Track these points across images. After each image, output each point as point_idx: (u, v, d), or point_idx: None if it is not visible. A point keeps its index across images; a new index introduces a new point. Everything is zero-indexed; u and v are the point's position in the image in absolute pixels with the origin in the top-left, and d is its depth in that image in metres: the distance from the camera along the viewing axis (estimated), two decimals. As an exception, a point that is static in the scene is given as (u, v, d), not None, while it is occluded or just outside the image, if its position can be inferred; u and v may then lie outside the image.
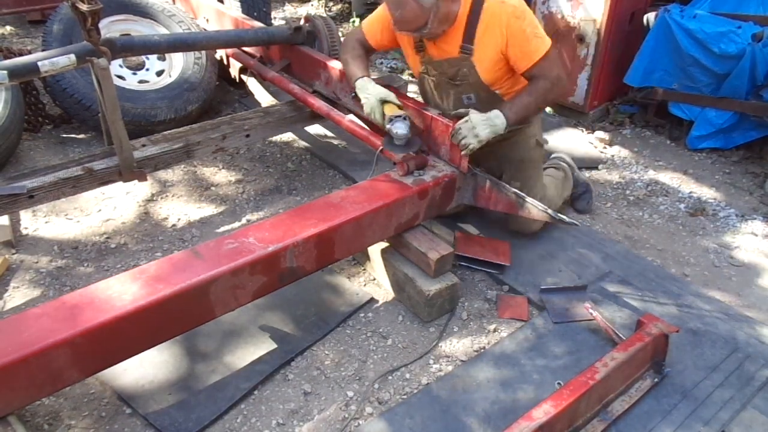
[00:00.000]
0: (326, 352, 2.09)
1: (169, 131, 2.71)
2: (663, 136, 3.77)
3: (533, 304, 2.32)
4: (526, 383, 1.96)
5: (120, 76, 3.34)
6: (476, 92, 2.37)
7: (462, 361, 2.07)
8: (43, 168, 2.38)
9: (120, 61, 3.39)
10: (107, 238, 2.62)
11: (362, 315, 2.26)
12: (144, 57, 3.47)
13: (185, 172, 3.12)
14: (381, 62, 4.79)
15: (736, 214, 3.02)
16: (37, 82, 3.37)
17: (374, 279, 2.44)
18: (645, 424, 1.81)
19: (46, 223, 2.70)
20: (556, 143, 3.57)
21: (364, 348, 2.12)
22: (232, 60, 3.49)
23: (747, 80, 3.26)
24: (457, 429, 1.81)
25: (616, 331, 2.07)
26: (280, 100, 3.23)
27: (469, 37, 2.26)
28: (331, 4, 6.05)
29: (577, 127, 3.83)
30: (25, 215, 2.72)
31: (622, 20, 3.65)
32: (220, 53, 3.59)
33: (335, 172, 3.20)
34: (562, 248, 2.60)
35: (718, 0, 3.52)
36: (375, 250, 2.36)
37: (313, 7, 6.11)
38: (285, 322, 2.18)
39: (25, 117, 3.22)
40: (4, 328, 1.54)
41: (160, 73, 3.50)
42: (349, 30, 5.42)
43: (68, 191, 2.35)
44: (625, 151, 3.61)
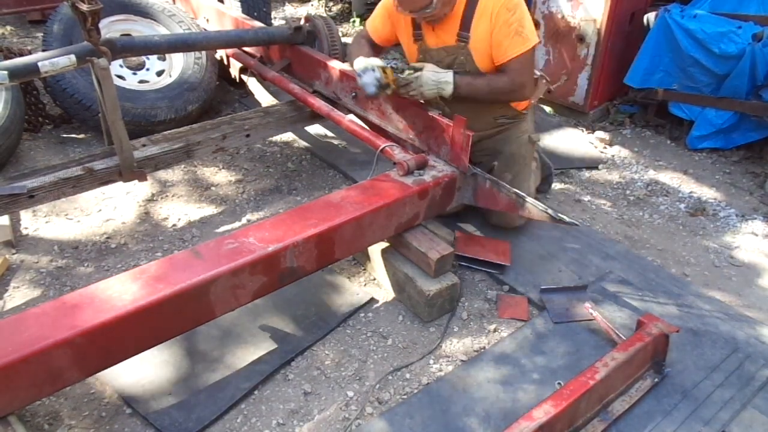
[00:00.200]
0: (326, 352, 2.09)
1: (169, 131, 2.72)
2: (663, 136, 3.77)
3: (533, 304, 2.32)
4: (526, 383, 1.96)
5: (120, 76, 3.34)
6: None
7: (462, 361, 2.07)
8: (44, 168, 2.38)
9: (120, 61, 3.39)
10: (107, 238, 2.62)
11: (362, 315, 2.26)
12: (144, 57, 3.47)
13: (185, 172, 3.12)
14: (381, 62, 4.79)
15: (737, 214, 3.02)
16: (37, 82, 3.37)
17: (374, 279, 2.44)
18: (645, 424, 1.81)
19: (47, 223, 2.70)
20: (556, 143, 3.57)
21: (364, 348, 2.12)
22: (232, 60, 3.49)
23: (747, 80, 3.26)
24: (457, 429, 1.81)
25: (616, 331, 2.07)
26: (280, 100, 3.23)
27: (466, 25, 2.29)
28: (331, 4, 6.05)
29: (577, 127, 3.83)
30: (26, 215, 2.72)
31: (622, 20, 3.65)
32: (221, 53, 3.59)
33: (335, 172, 3.20)
34: (562, 248, 2.60)
35: (718, 0, 3.52)
36: (375, 250, 2.36)
37: (313, 7, 6.11)
38: (285, 322, 2.18)
39: (26, 117, 3.22)
40: (4, 328, 1.54)
41: (160, 73, 3.50)
42: (350, 29, 5.43)
43: (68, 191, 2.35)
44: (625, 151, 3.61)
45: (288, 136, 3.49)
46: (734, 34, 3.23)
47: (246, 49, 3.36)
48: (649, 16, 3.52)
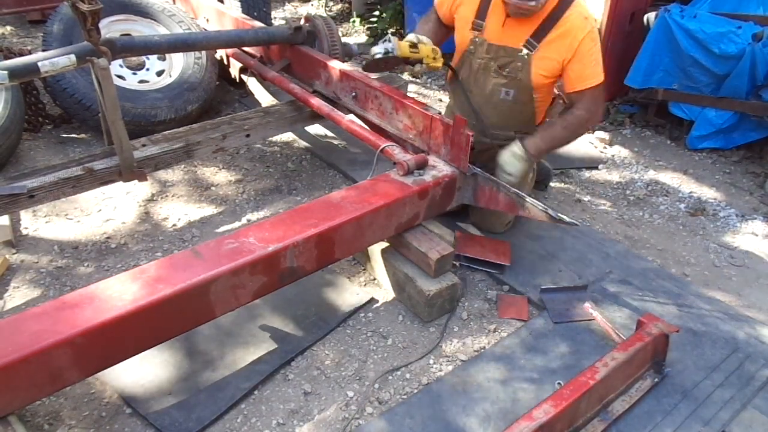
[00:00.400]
0: (326, 352, 2.09)
1: (169, 131, 2.71)
2: (663, 136, 3.77)
3: (533, 304, 2.32)
4: (526, 383, 1.96)
5: (120, 76, 3.34)
6: (518, 90, 2.36)
7: (462, 361, 2.07)
8: (44, 168, 2.38)
9: (120, 61, 3.39)
10: (107, 238, 2.62)
11: (362, 315, 2.26)
12: (144, 57, 3.47)
13: (185, 172, 3.12)
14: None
15: (736, 214, 3.02)
16: (37, 82, 3.37)
17: (374, 279, 2.44)
18: (645, 424, 1.81)
19: (47, 223, 2.70)
20: (556, 143, 3.57)
21: (364, 348, 2.12)
22: (232, 60, 3.49)
23: (747, 80, 3.26)
24: (457, 429, 1.81)
25: (616, 331, 2.07)
26: (280, 100, 3.23)
27: (539, 35, 2.25)
28: (332, 4, 6.05)
29: (577, 127, 3.82)
30: (25, 215, 2.72)
31: (622, 20, 3.65)
32: (220, 53, 3.59)
33: (335, 172, 3.20)
34: (562, 248, 2.60)
35: (718, 0, 3.52)
36: (375, 250, 2.36)
37: (313, 7, 6.11)
38: (285, 322, 2.18)
39: (26, 117, 3.22)
40: (4, 328, 1.54)
41: (160, 73, 3.50)
42: (350, 29, 5.43)
43: (68, 191, 2.35)
44: (625, 151, 3.61)
45: (288, 136, 3.49)
46: (734, 34, 3.23)
47: (246, 49, 3.36)
48: (649, 16, 3.53)
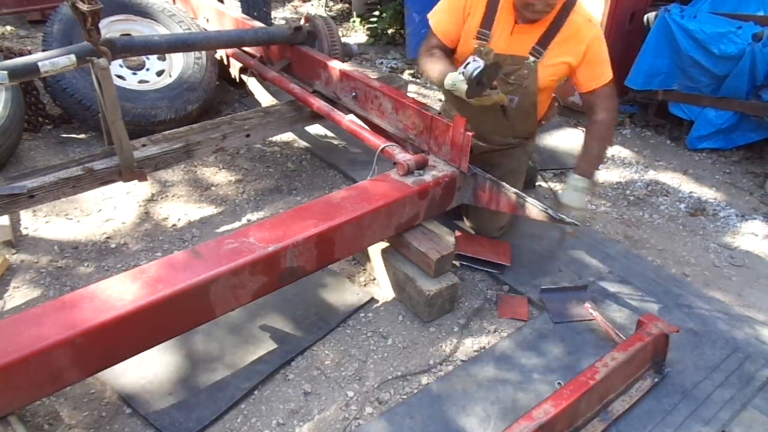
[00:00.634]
0: (326, 352, 2.09)
1: (169, 131, 2.71)
2: (663, 136, 3.77)
3: (533, 304, 2.32)
4: (526, 383, 1.96)
5: (120, 76, 3.34)
6: (522, 96, 2.33)
7: (462, 361, 2.07)
8: (44, 168, 2.38)
9: (120, 61, 3.38)
10: (107, 238, 2.62)
11: (362, 315, 2.26)
12: (144, 57, 3.47)
13: (185, 172, 3.12)
14: (381, 62, 4.79)
15: (736, 214, 3.02)
16: (37, 82, 3.36)
17: (374, 279, 2.44)
18: (645, 424, 1.81)
19: (46, 223, 2.70)
20: (556, 143, 3.57)
21: (364, 348, 2.12)
22: (232, 60, 3.49)
23: (747, 80, 3.26)
24: (457, 429, 1.81)
25: (616, 331, 2.07)
26: (280, 100, 3.23)
27: (545, 42, 2.24)
28: (332, 4, 6.05)
29: (577, 127, 3.83)
30: (25, 215, 2.72)
31: (622, 20, 3.65)
32: (220, 53, 3.59)
33: (335, 172, 3.20)
34: (562, 248, 2.60)
35: (718, 0, 3.52)
36: (375, 250, 2.36)
37: (313, 6, 6.11)
38: (285, 322, 2.18)
39: (26, 117, 3.22)
40: (4, 328, 1.54)
41: (160, 73, 3.50)
42: (350, 29, 5.43)
43: (68, 191, 2.35)
44: (625, 151, 3.61)
45: (288, 136, 3.49)
46: (734, 35, 3.22)
47: (246, 49, 3.36)
48: (649, 16, 3.52)
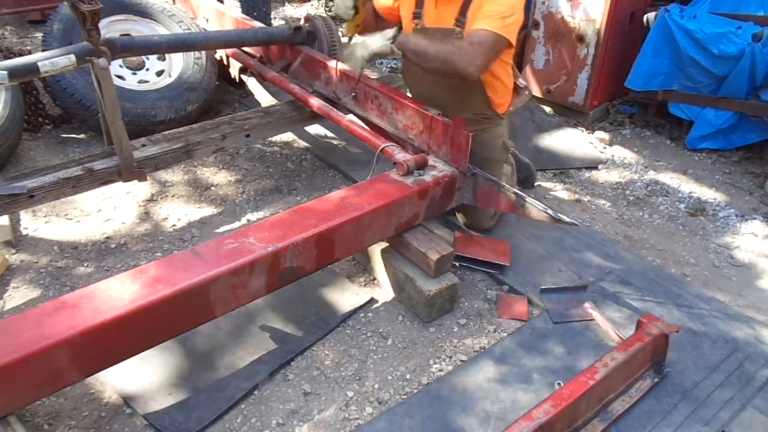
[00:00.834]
0: (326, 352, 2.09)
1: (169, 131, 2.71)
2: (663, 136, 3.77)
3: (533, 304, 2.32)
4: (526, 383, 1.96)
5: (120, 76, 3.34)
6: None
7: (462, 361, 2.07)
8: (43, 168, 2.38)
9: (120, 61, 3.38)
10: (107, 238, 2.62)
11: (362, 315, 2.26)
12: (144, 57, 3.46)
13: (185, 172, 3.12)
14: (381, 62, 4.79)
15: (736, 214, 3.02)
16: (37, 82, 3.36)
17: (374, 279, 2.44)
18: (645, 424, 1.81)
19: (46, 223, 2.70)
20: (556, 143, 3.57)
21: (364, 348, 2.12)
22: (232, 60, 3.48)
23: (746, 81, 3.26)
24: (457, 429, 1.81)
25: (616, 331, 2.07)
26: (280, 100, 3.23)
27: (465, 10, 2.31)
28: (331, 4, 6.05)
29: (577, 127, 3.83)
30: (25, 215, 2.72)
31: (622, 20, 3.65)
32: (220, 53, 3.59)
33: (335, 172, 3.20)
34: (562, 248, 2.60)
35: (718, 0, 3.52)
36: (375, 250, 2.36)
37: (313, 7, 6.11)
38: (285, 322, 2.18)
39: (25, 117, 3.22)
40: (4, 328, 1.54)
41: (160, 73, 3.49)
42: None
43: (68, 191, 2.35)
44: (625, 151, 3.61)
45: (288, 136, 3.49)
46: (733, 35, 3.22)
47: (246, 49, 3.36)
48: (649, 16, 3.52)
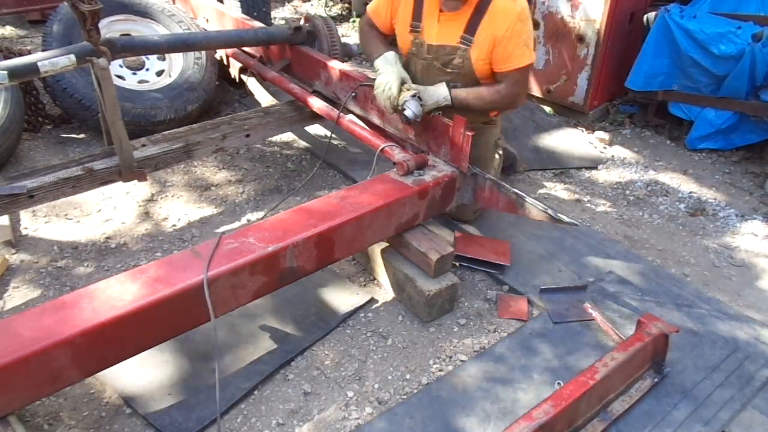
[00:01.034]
0: (326, 352, 2.09)
1: (169, 131, 2.71)
2: (663, 136, 3.77)
3: (533, 304, 2.32)
4: (526, 383, 1.96)
5: (120, 76, 3.34)
6: (464, 82, 2.38)
7: (462, 361, 2.07)
8: (43, 168, 2.38)
9: (120, 61, 3.38)
10: (107, 238, 2.62)
11: (362, 315, 2.26)
12: (144, 57, 3.46)
13: (185, 172, 3.12)
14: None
15: (736, 214, 3.02)
16: (37, 82, 3.36)
17: (374, 279, 2.44)
18: (645, 424, 1.81)
19: (46, 223, 2.70)
20: (556, 143, 3.57)
21: (364, 348, 2.12)
22: (232, 60, 3.49)
23: (746, 81, 3.26)
24: (457, 429, 1.80)
25: (616, 331, 2.07)
26: (280, 100, 3.23)
27: (472, 29, 2.29)
28: (331, 4, 6.05)
29: (577, 127, 3.83)
30: (25, 215, 2.72)
31: (622, 20, 3.65)
32: (220, 53, 3.59)
33: (335, 172, 3.20)
34: (562, 248, 2.60)
35: (718, 0, 3.52)
36: (375, 250, 2.36)
37: (313, 7, 6.11)
38: (285, 322, 2.18)
39: (25, 117, 3.22)
40: (4, 328, 1.54)
41: (160, 73, 3.49)
42: (349, 29, 5.42)
43: (68, 191, 2.35)
44: (625, 151, 3.61)
45: (288, 136, 3.49)
46: (733, 35, 3.22)
47: (246, 49, 3.36)
48: (649, 16, 3.52)
